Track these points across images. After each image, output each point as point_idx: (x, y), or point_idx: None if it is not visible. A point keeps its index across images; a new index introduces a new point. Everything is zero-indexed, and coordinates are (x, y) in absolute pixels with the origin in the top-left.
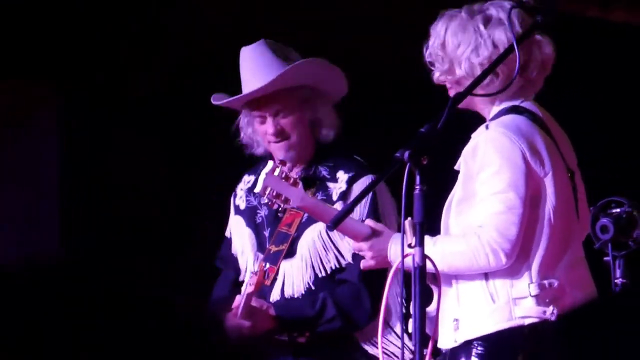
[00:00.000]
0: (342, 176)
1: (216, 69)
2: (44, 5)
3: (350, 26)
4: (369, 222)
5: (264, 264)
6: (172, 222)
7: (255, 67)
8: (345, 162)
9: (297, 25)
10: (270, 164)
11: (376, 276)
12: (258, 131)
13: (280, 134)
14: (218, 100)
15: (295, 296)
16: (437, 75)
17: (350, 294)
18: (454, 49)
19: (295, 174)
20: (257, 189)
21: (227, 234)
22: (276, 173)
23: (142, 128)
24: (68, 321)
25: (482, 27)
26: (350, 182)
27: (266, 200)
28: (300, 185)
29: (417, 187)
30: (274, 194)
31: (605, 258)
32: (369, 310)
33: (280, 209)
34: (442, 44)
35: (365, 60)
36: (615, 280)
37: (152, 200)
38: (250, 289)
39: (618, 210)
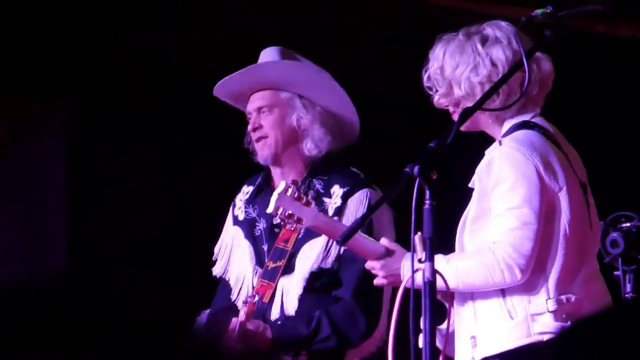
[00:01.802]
0: (337, 191)
1: (217, 80)
2: (45, 23)
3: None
4: (384, 240)
5: (255, 293)
6: (179, 235)
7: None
8: (340, 176)
9: (296, 34)
10: (282, 184)
11: (371, 294)
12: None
13: (258, 130)
14: (218, 92)
15: (294, 313)
16: (436, 99)
17: (345, 313)
18: (453, 71)
19: (309, 193)
20: (270, 210)
21: (219, 242)
22: (289, 193)
23: (148, 140)
24: (75, 334)
25: (479, 46)
26: (345, 197)
27: (279, 221)
28: (313, 204)
29: (427, 201)
30: (287, 214)
31: (616, 272)
32: (364, 329)
33: (293, 229)
34: (440, 67)
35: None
36: (626, 295)
37: (161, 214)
38: (242, 317)
39: (628, 224)
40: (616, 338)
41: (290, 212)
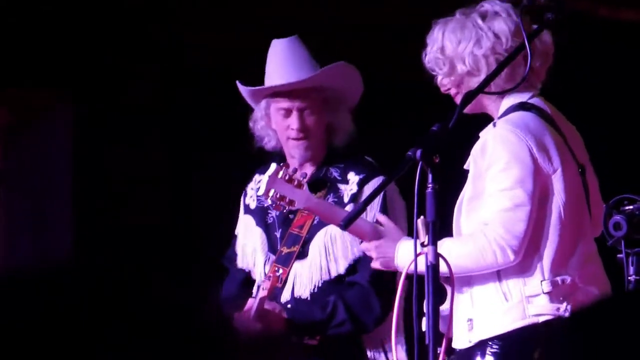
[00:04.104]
0: (353, 178)
1: (218, 77)
2: (51, 18)
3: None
4: (381, 217)
5: (276, 268)
6: (185, 226)
7: (293, 59)
8: (355, 164)
9: (296, 33)
10: (273, 166)
11: (386, 279)
12: (279, 125)
13: (304, 131)
14: (244, 88)
15: (305, 297)
16: (439, 79)
17: (360, 297)
18: (455, 48)
19: (300, 175)
20: (261, 192)
21: (236, 232)
22: (280, 176)
23: (154, 132)
24: (81, 326)
25: (480, 21)
26: (361, 184)
27: (270, 203)
28: (305, 186)
29: (430, 185)
30: (278, 196)
31: (619, 255)
32: (379, 314)
33: (285, 211)
34: (441, 47)
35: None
36: (629, 277)
37: (167, 205)
38: (263, 293)
39: (631, 207)
40: (620, 324)
41: (282, 194)
